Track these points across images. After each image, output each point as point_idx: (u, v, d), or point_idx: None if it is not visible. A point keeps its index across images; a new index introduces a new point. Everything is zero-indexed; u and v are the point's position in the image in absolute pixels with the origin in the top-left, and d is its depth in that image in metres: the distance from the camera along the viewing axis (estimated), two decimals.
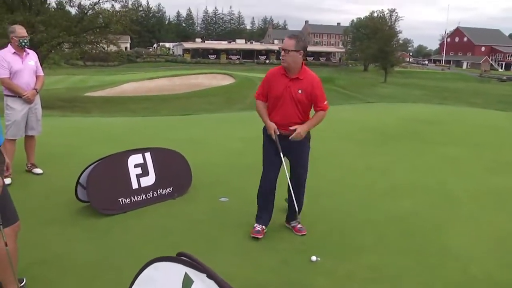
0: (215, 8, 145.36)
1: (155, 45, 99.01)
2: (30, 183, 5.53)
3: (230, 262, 3.60)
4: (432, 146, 8.28)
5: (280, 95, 3.92)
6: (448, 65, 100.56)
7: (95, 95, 33.58)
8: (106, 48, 30.30)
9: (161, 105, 27.29)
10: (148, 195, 4.91)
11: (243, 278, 3.34)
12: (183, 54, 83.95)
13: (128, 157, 4.85)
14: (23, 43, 5.40)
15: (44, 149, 6.64)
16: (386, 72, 62.05)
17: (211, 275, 1.65)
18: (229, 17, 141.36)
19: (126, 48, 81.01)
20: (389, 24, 71.19)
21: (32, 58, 5.60)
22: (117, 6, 30.14)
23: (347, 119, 11.49)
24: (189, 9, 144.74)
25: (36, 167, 5.90)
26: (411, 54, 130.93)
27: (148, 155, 5.00)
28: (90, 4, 28.48)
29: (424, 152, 7.77)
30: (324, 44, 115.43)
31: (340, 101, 21.67)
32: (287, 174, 4.18)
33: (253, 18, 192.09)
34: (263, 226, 4.18)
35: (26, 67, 5.48)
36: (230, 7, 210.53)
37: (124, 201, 4.70)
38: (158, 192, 5.01)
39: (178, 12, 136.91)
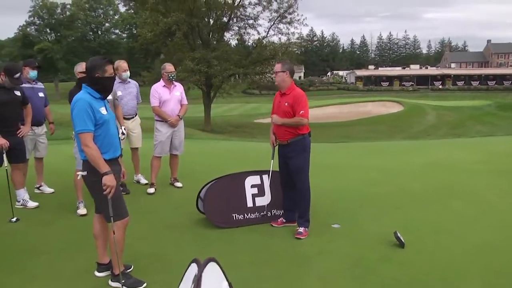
0: (389, 33, 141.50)
1: (328, 74, 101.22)
2: (169, 194, 6.45)
3: (309, 285, 3.65)
4: None
5: (275, 109, 4.95)
6: None
7: (264, 122, 35.87)
8: (274, 78, 32.40)
9: (323, 133, 27.67)
10: (262, 214, 5.23)
11: None
12: (355, 82, 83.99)
13: (246, 178, 5.27)
14: (170, 77, 6.44)
15: (189, 167, 7.61)
16: None
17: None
18: (404, 42, 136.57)
19: (300, 77, 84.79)
20: None
21: (178, 90, 6.59)
22: (284, 38, 32.27)
23: (509, 153, 10.13)
24: (363, 36, 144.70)
25: (178, 181, 6.81)
26: None
27: (265, 177, 5.34)
28: (259, 39, 31.13)
29: None
30: (511, 66, 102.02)
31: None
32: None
33: (429, 41, 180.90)
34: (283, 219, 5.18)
35: (173, 97, 6.48)
36: (405, 31, 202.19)
37: (238, 217, 5.11)
38: (272, 213, 5.29)
39: (352, 40, 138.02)
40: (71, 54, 63.83)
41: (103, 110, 3.48)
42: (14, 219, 5.25)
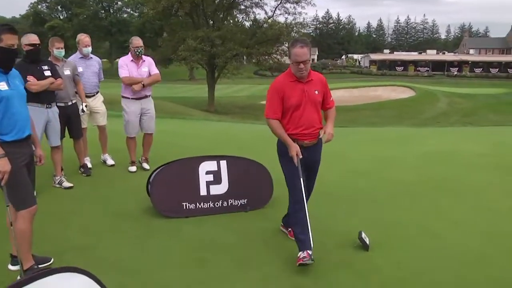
0: (407, 17, 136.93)
1: (343, 57, 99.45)
2: (131, 177, 6.01)
3: None
4: None
5: (300, 102, 3.58)
6: None
7: None
8: (280, 59, 31.61)
9: None
10: (217, 204, 4.70)
11: None
12: (369, 66, 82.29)
13: (200, 163, 4.72)
14: (137, 52, 5.95)
15: (167, 148, 7.15)
16: None
17: None
18: (422, 26, 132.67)
19: (313, 59, 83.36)
20: None
21: (146, 65, 6.10)
22: (290, 18, 31.39)
23: None
24: (380, 19, 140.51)
25: (147, 163, 6.36)
26: None
27: (223, 163, 4.79)
28: (265, 18, 30.30)
29: None
30: None
31: None
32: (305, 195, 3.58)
33: (448, 26, 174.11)
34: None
35: (140, 73, 6.03)
36: (424, 15, 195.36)
37: (189, 206, 4.59)
38: (229, 202, 4.76)
39: (368, 23, 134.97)
40: (81, 32, 63.45)
41: (1, 86, 3.02)
42: None
